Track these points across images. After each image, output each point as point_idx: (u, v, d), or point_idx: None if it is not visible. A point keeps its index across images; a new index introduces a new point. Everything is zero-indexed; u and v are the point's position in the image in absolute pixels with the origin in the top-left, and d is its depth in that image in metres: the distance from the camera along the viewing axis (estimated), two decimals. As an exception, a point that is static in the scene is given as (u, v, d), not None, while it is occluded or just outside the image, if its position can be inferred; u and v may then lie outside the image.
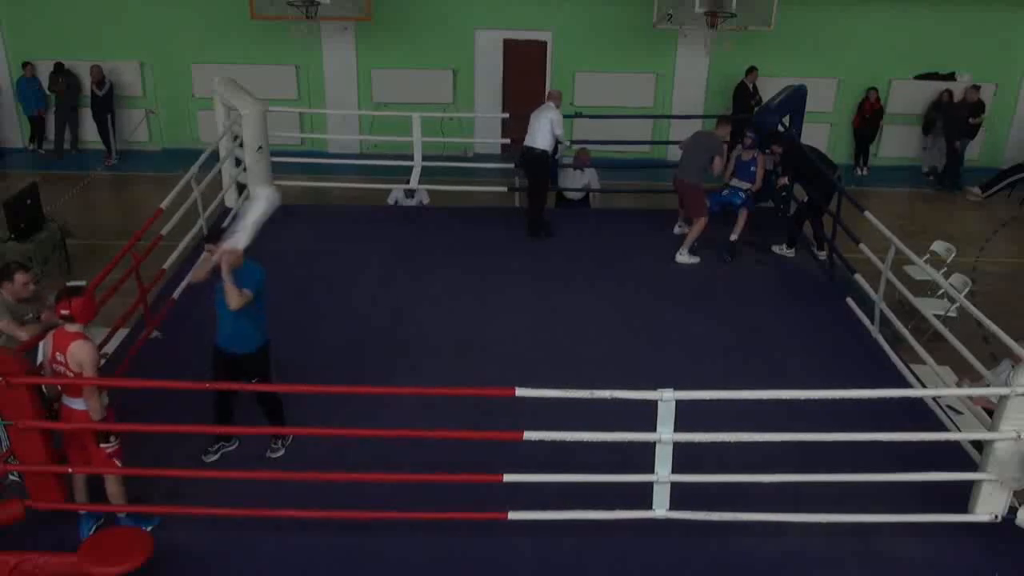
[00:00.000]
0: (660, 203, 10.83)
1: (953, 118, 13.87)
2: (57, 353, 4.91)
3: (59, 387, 5.11)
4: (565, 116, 12.17)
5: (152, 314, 7.25)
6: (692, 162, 9.11)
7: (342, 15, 12.77)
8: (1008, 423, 5.10)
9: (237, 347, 5.58)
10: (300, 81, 14.21)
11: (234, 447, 5.95)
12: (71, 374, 4.91)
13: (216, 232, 5.74)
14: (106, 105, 13.62)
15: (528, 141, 9.49)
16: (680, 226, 9.69)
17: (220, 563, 5.09)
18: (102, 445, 5.02)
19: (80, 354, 4.84)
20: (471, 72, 14.34)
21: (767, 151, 9.57)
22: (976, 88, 13.93)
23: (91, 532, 5.19)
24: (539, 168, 9.60)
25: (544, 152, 9.44)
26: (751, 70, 13.60)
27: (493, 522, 5.25)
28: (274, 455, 5.91)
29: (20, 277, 5.53)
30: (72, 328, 4.90)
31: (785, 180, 9.57)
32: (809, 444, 5.22)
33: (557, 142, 9.61)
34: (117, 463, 5.10)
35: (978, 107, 13.95)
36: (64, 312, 4.85)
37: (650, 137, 13.73)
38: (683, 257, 9.10)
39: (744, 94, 13.61)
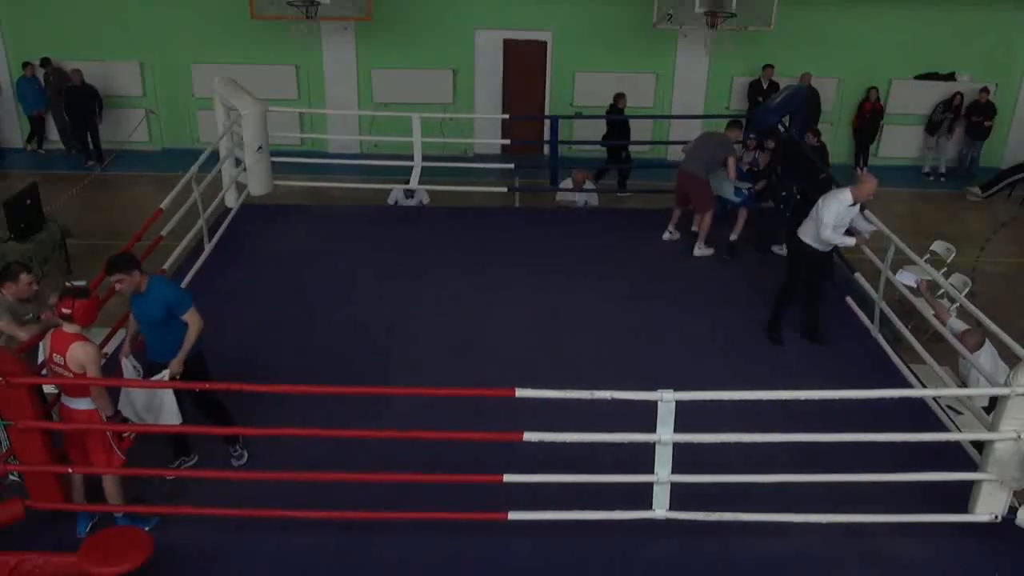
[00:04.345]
0: (660, 203, 10.83)
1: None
2: (55, 354, 4.91)
3: (59, 388, 5.12)
4: (564, 117, 12.31)
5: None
6: (700, 156, 9.10)
7: (342, 15, 12.77)
8: (1008, 423, 5.10)
9: (168, 357, 5.43)
10: (300, 81, 14.21)
11: (194, 461, 5.81)
12: (70, 375, 4.91)
13: (117, 262, 5.26)
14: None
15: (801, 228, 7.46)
16: (670, 232, 9.63)
17: (220, 563, 5.10)
18: (124, 436, 5.06)
19: (81, 356, 4.84)
20: (471, 72, 14.34)
21: (764, 148, 9.59)
22: (986, 90, 13.95)
23: (88, 529, 5.21)
24: (801, 260, 7.50)
25: (811, 248, 7.32)
26: (767, 67, 13.62)
27: (493, 522, 5.25)
28: (238, 462, 5.83)
29: (24, 277, 5.54)
30: (71, 329, 4.90)
31: (763, 183, 9.51)
32: (809, 444, 5.23)
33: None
34: (120, 456, 5.10)
35: (989, 108, 13.97)
36: (65, 311, 4.84)
37: (650, 137, 13.73)
38: (700, 250, 9.17)
39: (756, 91, 13.62)
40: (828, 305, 7.99)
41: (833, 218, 7.00)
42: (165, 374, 5.36)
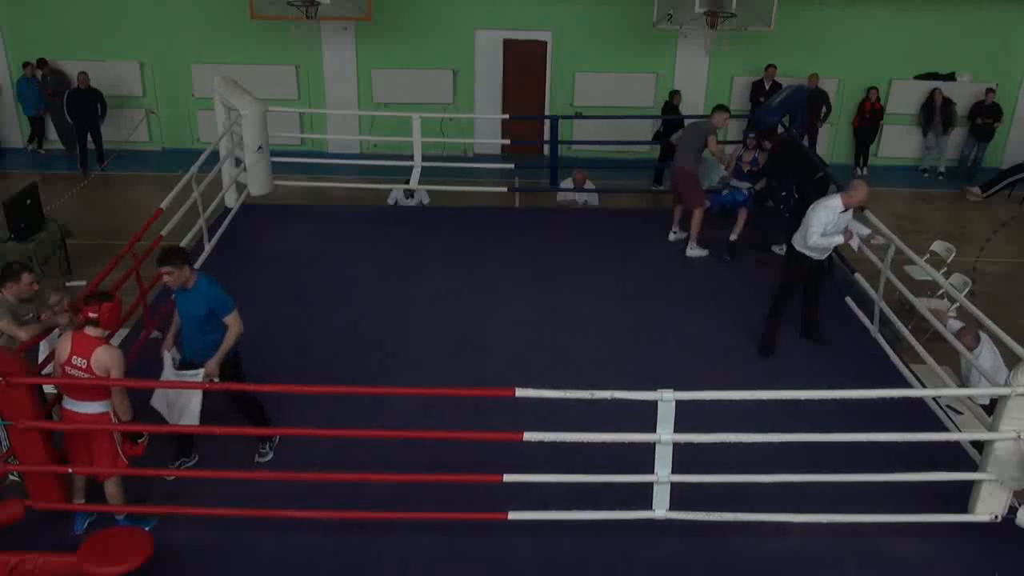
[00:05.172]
0: (660, 203, 10.85)
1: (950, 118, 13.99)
2: (76, 357, 4.89)
3: (64, 391, 5.12)
4: (564, 117, 12.32)
5: (152, 314, 7.25)
6: (687, 148, 9.14)
7: (342, 15, 12.77)
8: (1008, 423, 5.10)
9: (202, 356, 5.49)
10: (300, 81, 14.21)
11: (194, 462, 5.83)
12: (88, 377, 4.90)
13: (167, 254, 5.43)
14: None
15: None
16: (675, 232, 9.63)
17: (220, 563, 5.10)
18: (139, 441, 5.10)
19: (107, 359, 4.84)
20: (471, 72, 14.35)
21: (763, 148, 9.58)
22: (992, 91, 13.94)
23: (84, 527, 5.21)
24: (797, 269, 7.35)
25: (805, 257, 7.19)
26: (769, 67, 13.63)
27: (493, 522, 5.25)
28: (263, 459, 5.86)
29: (27, 277, 5.55)
30: (95, 332, 4.90)
31: (763, 183, 9.53)
32: (809, 444, 5.23)
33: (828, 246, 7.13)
34: (123, 458, 5.11)
35: (995, 109, 13.97)
36: (92, 315, 4.85)
37: (650, 137, 13.73)
38: (693, 251, 9.16)
39: (758, 91, 13.63)
40: (828, 305, 7.97)
41: (822, 226, 6.94)
42: (199, 373, 5.40)
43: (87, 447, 5.13)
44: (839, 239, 7.07)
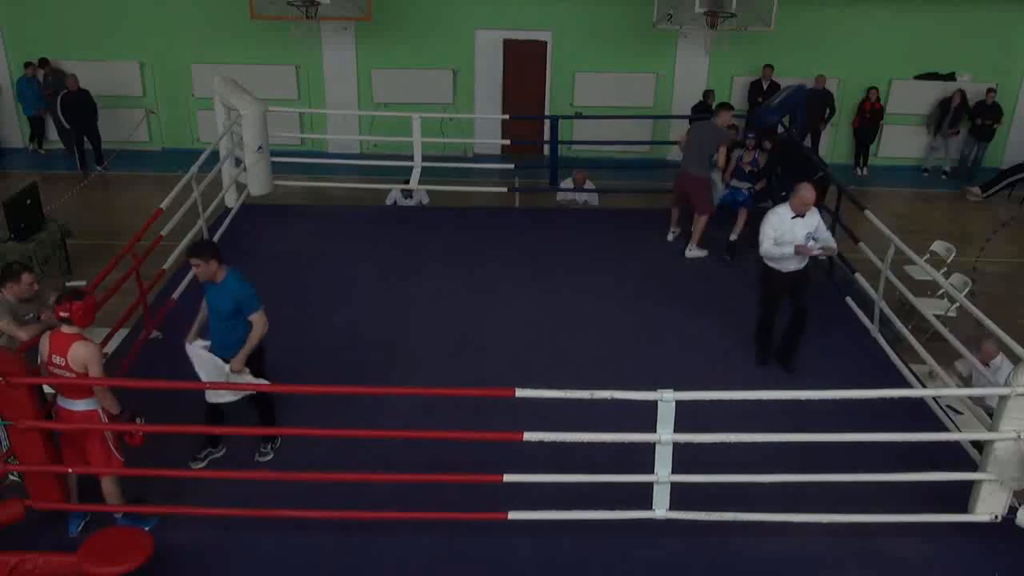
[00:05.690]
0: (660, 203, 10.83)
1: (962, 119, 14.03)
2: (54, 355, 4.90)
3: (55, 390, 5.12)
4: (564, 117, 12.32)
5: (152, 314, 7.25)
6: (696, 153, 9.02)
7: (342, 15, 12.77)
8: (1008, 423, 5.10)
9: (230, 354, 5.56)
10: (300, 81, 14.22)
11: (221, 453, 5.89)
12: (70, 375, 4.90)
13: (197, 247, 5.64)
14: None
15: None
16: (674, 232, 9.62)
17: (220, 563, 5.10)
18: (135, 433, 5.10)
19: (83, 355, 4.84)
20: (471, 72, 14.35)
21: (763, 148, 9.59)
22: (993, 91, 13.95)
23: (79, 528, 5.21)
24: (760, 281, 7.29)
25: (775, 271, 7.02)
26: (766, 67, 13.65)
27: (493, 522, 5.26)
28: (263, 459, 5.88)
29: (27, 277, 5.56)
30: (70, 330, 4.90)
31: (763, 183, 9.51)
32: (809, 444, 5.23)
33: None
34: (119, 457, 5.11)
35: (995, 109, 13.97)
36: (63, 314, 4.86)
37: (650, 137, 13.74)
38: (692, 252, 9.14)
39: (757, 91, 13.64)
40: (828, 305, 7.98)
41: (773, 232, 6.76)
42: (225, 368, 5.50)
43: (80, 447, 5.12)
44: (790, 249, 6.75)
